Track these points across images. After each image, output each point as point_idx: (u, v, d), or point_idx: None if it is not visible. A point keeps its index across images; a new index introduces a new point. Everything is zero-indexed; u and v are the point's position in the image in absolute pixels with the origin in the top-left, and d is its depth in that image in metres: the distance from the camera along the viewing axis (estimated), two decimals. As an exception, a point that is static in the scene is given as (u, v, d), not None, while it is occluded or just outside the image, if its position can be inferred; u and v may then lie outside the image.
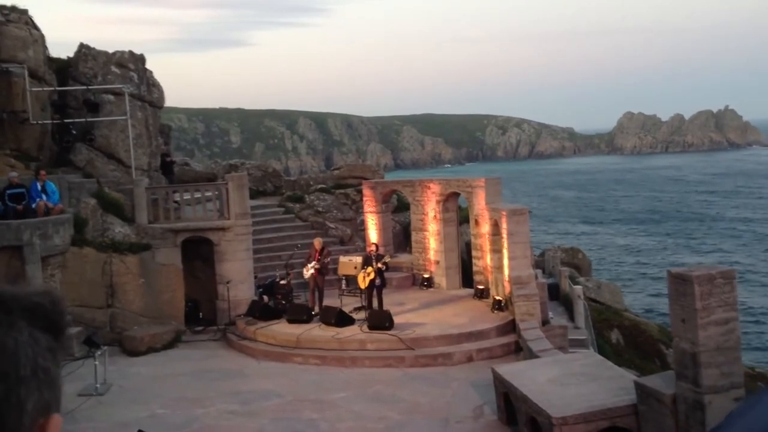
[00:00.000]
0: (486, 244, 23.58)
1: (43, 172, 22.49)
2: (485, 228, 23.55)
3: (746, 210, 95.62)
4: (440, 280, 25.77)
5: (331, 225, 29.57)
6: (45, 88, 25.95)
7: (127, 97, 25.99)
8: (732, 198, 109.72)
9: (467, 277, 25.58)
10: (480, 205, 23.83)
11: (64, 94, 26.66)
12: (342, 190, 31.34)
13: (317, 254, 22.62)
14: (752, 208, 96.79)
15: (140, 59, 28.19)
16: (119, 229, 23.49)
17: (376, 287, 22.22)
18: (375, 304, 22.23)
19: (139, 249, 23.21)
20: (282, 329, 21.63)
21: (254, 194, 29.08)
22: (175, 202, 24.90)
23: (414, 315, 22.22)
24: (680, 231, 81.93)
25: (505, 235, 21.83)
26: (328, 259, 23.08)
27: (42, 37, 26.69)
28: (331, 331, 20.93)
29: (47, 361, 1.38)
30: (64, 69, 27.67)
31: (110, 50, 27.89)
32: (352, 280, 23.99)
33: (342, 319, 21.36)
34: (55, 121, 26.04)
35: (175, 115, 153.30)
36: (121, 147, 26.56)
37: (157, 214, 24.27)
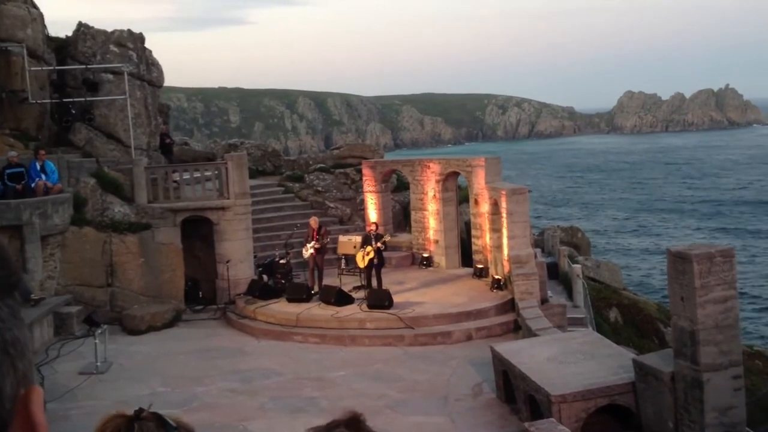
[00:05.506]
0: (485, 223, 23.59)
1: (42, 152, 22.46)
2: (485, 207, 23.55)
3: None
4: (439, 259, 25.79)
5: (331, 204, 29.57)
6: (44, 68, 25.86)
7: (126, 77, 25.89)
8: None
9: (466, 256, 25.60)
10: (480, 184, 23.82)
11: (63, 74, 26.57)
12: (342, 170, 31.30)
13: (315, 233, 22.63)
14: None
15: (139, 38, 28.07)
16: (119, 209, 23.49)
17: (375, 266, 22.25)
18: (374, 283, 22.25)
19: (138, 228, 23.22)
20: (281, 308, 21.68)
21: (254, 174, 29.04)
22: (175, 181, 24.88)
23: (413, 294, 22.26)
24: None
25: (504, 215, 21.85)
26: (327, 239, 23.08)
27: (41, 15, 26.57)
28: (331, 310, 20.98)
29: (14, 329, 1.20)
30: (62, 48, 27.58)
31: (109, 29, 27.80)
32: (351, 259, 24.03)
33: (341, 298, 21.41)
34: (54, 101, 25.97)
35: (174, 95, 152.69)
36: (120, 126, 26.50)
37: (156, 194, 24.25)
